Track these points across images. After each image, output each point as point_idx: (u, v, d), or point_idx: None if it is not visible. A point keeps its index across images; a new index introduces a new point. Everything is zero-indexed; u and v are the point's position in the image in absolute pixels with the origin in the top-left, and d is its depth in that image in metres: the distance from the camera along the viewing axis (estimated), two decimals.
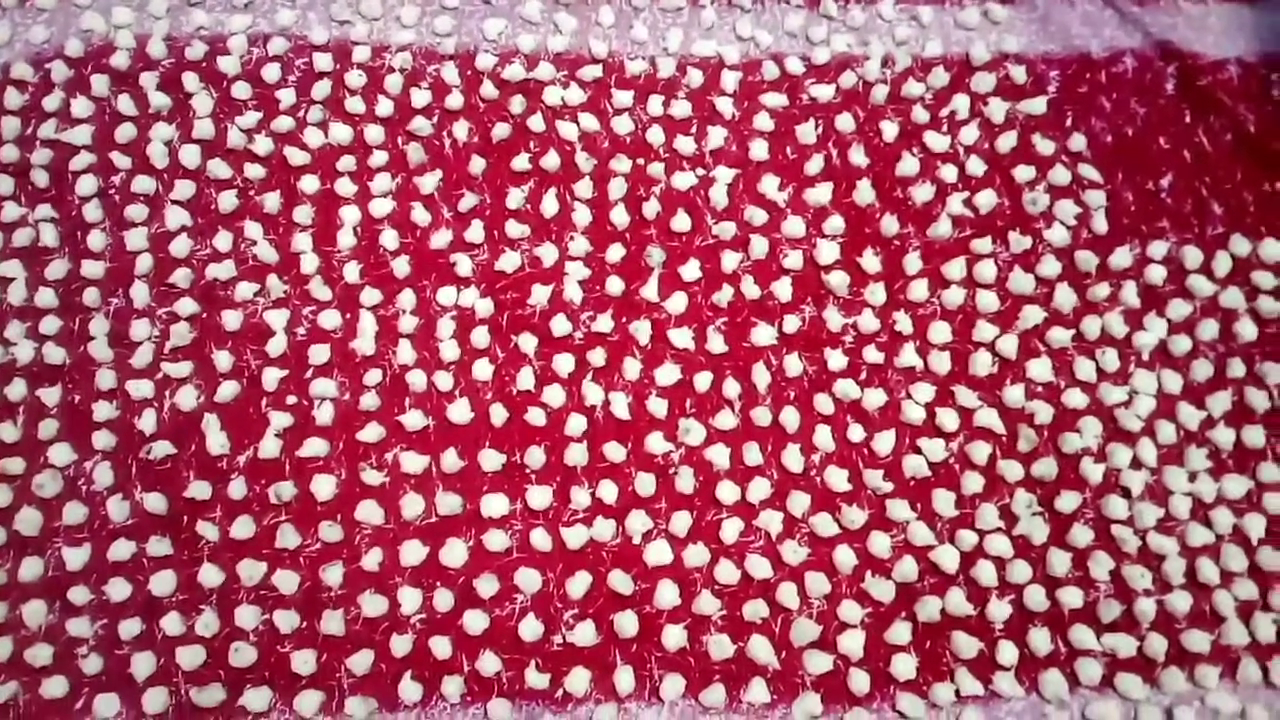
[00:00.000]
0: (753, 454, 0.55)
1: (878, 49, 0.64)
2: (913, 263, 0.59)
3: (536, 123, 0.61)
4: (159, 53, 0.62)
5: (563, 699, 0.51)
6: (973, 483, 0.55)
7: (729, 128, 0.62)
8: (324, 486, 0.54)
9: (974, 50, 0.64)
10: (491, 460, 0.55)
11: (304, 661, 0.51)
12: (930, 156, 0.62)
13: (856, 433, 0.56)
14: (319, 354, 0.56)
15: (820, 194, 0.60)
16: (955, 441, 0.56)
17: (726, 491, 0.54)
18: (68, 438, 0.54)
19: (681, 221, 0.59)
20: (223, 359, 0.56)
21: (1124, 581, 0.53)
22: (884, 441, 0.56)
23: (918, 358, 0.57)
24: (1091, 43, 0.65)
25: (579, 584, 0.52)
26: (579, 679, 0.51)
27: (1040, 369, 0.57)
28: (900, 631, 0.52)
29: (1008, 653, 0.52)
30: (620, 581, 0.53)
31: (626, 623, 0.52)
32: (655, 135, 0.61)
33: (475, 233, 0.59)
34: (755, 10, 0.65)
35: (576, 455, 0.55)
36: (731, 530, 0.54)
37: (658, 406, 0.56)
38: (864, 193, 0.60)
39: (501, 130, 0.61)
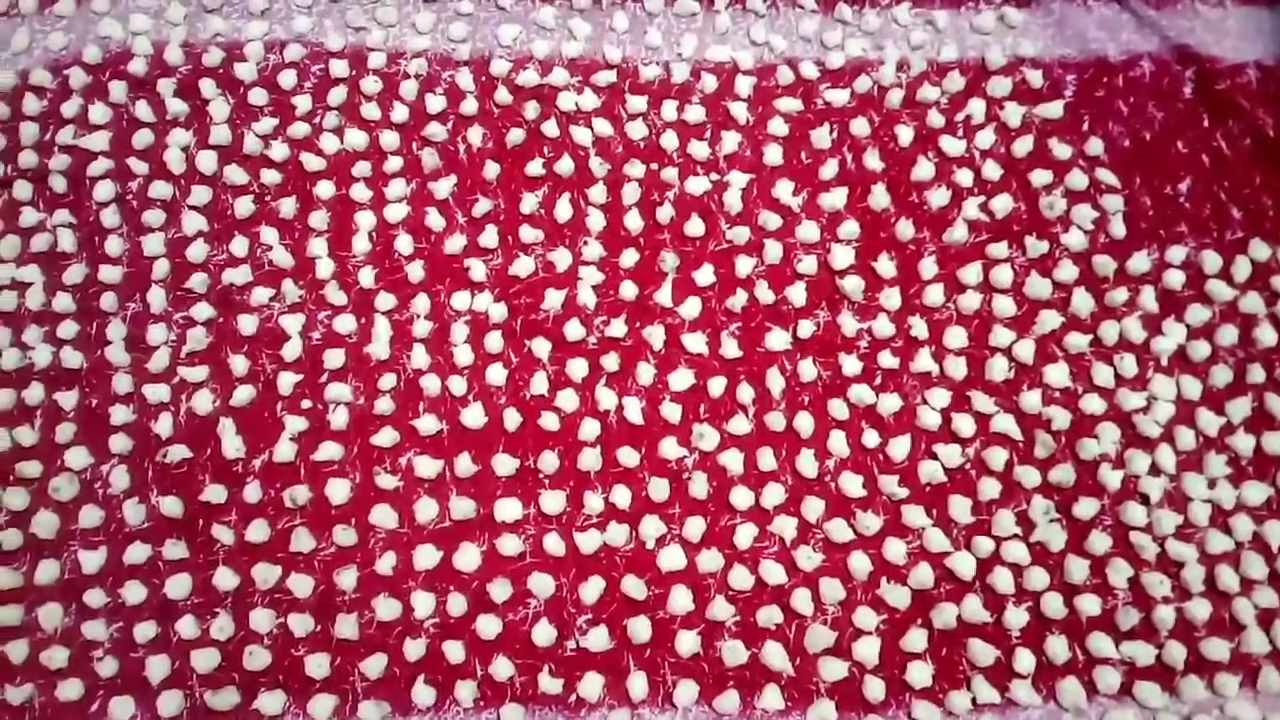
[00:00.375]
0: (767, 459, 0.55)
1: (893, 53, 0.64)
2: (928, 267, 0.59)
3: (550, 128, 0.61)
4: (176, 59, 0.62)
5: (576, 704, 0.51)
6: (989, 489, 0.55)
7: (743, 132, 0.62)
8: (338, 490, 0.54)
9: (990, 54, 0.64)
10: (505, 465, 0.55)
11: (318, 665, 0.51)
12: (946, 161, 0.61)
13: (871, 438, 0.56)
14: (334, 358, 0.56)
15: (835, 199, 0.60)
16: (971, 447, 0.56)
17: (740, 497, 0.54)
18: (84, 441, 0.55)
19: (695, 226, 0.59)
20: (238, 363, 0.56)
21: (1143, 589, 0.53)
22: (899, 447, 0.55)
23: (933, 363, 0.57)
24: (1108, 46, 0.64)
25: (592, 589, 0.52)
26: (592, 684, 0.51)
27: (1057, 374, 0.57)
28: (916, 638, 0.52)
29: (1025, 660, 0.51)
30: (634, 587, 0.52)
31: (640, 628, 0.52)
32: (669, 140, 0.61)
33: (489, 238, 0.59)
34: (769, 15, 0.65)
35: (590, 460, 0.55)
36: (745, 536, 0.54)
37: (671, 411, 0.56)
38: (879, 197, 0.60)
39: (516, 136, 0.61)
